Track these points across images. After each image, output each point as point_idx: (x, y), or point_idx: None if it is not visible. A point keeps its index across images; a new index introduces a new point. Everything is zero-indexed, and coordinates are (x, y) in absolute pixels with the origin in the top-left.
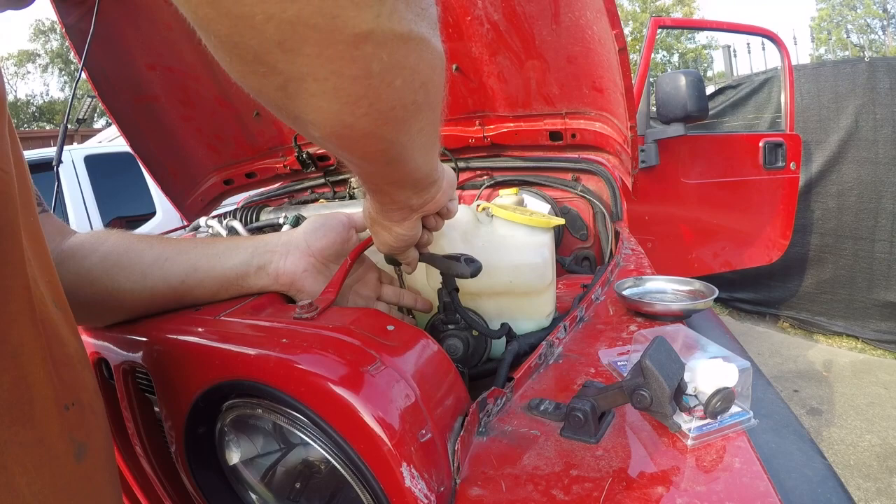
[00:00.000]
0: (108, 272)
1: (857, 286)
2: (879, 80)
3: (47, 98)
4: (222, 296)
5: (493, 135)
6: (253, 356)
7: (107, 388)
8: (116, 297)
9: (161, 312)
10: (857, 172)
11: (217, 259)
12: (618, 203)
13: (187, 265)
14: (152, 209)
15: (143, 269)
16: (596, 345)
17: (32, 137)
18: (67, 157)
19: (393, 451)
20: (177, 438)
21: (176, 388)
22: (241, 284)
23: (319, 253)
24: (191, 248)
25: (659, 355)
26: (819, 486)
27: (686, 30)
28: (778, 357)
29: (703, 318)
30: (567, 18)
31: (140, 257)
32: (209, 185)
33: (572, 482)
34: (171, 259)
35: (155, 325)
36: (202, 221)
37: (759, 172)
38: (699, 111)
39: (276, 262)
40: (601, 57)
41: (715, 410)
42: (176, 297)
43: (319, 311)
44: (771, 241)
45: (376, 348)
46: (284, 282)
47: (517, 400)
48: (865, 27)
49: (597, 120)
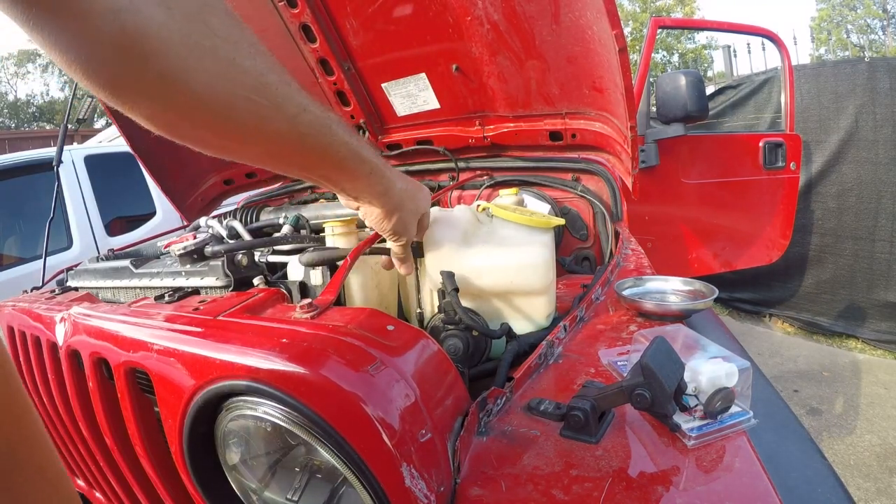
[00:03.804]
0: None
1: (857, 286)
2: (879, 81)
3: (47, 98)
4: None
5: (493, 135)
6: (253, 356)
7: (107, 388)
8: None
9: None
10: (857, 172)
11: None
12: (618, 203)
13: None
14: (152, 209)
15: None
16: (596, 345)
17: (32, 137)
18: (67, 157)
19: (393, 450)
20: (177, 438)
21: (176, 388)
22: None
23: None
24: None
25: (659, 355)
26: (819, 486)
27: (686, 30)
28: (778, 357)
29: (703, 318)
30: (567, 18)
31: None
32: (209, 185)
33: (572, 482)
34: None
35: (155, 325)
36: (202, 221)
37: (759, 172)
38: (699, 111)
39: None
40: (601, 57)
41: (715, 410)
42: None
43: (319, 312)
44: (771, 241)
45: (376, 348)
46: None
47: (517, 400)
48: (865, 27)
49: (597, 120)
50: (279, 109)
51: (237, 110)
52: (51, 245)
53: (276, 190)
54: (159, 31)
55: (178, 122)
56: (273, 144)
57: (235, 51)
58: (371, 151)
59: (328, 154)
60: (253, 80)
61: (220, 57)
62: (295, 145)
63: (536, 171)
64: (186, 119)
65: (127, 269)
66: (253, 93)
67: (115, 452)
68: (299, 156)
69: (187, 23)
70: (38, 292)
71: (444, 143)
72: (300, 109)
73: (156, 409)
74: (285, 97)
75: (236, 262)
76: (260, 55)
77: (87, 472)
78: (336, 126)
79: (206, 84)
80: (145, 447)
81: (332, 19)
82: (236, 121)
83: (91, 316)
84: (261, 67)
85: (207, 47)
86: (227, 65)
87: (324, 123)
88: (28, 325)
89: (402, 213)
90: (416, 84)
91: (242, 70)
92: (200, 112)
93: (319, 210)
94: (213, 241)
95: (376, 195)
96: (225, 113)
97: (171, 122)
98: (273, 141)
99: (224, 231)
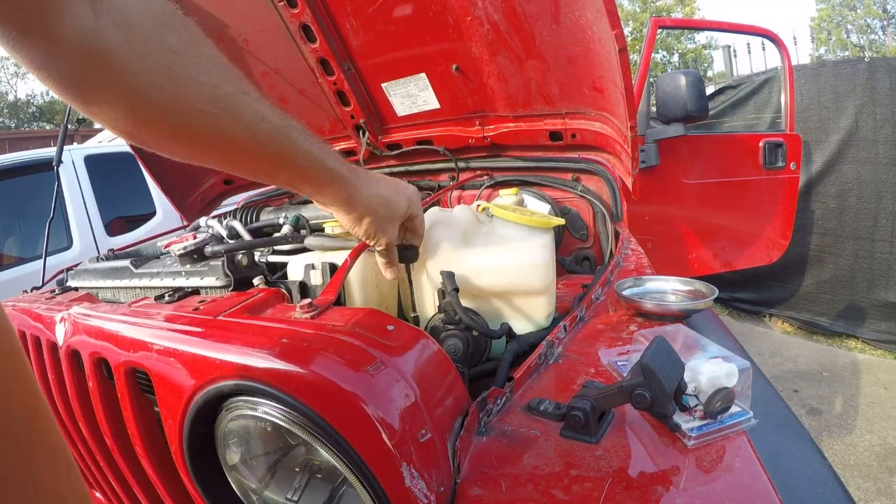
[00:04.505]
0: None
1: (857, 286)
2: (879, 81)
3: (47, 98)
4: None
5: (493, 135)
6: (253, 356)
7: (107, 388)
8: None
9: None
10: (857, 172)
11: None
12: (618, 203)
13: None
14: (152, 209)
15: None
16: (596, 345)
17: (32, 137)
18: (67, 157)
19: (393, 450)
20: (177, 438)
21: (176, 388)
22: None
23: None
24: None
25: (659, 355)
26: (819, 486)
27: (686, 30)
28: (778, 357)
29: (703, 318)
30: (567, 18)
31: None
32: (209, 185)
33: (572, 482)
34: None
35: (155, 325)
36: (202, 221)
37: (759, 172)
38: (699, 111)
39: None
40: (601, 57)
41: (715, 410)
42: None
43: (319, 311)
44: (771, 241)
45: (376, 348)
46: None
47: (517, 400)
48: (865, 27)
49: (597, 120)
50: (236, 119)
51: (194, 121)
52: (51, 245)
53: (275, 190)
54: (119, 50)
55: (139, 131)
56: (232, 153)
57: (192, 65)
58: (335, 159)
59: (288, 162)
60: (209, 92)
61: (176, 72)
62: (254, 153)
63: (536, 171)
64: (146, 129)
65: (127, 269)
66: (209, 104)
67: (115, 452)
68: (259, 162)
69: (144, 42)
70: (38, 292)
71: (444, 143)
72: (258, 119)
73: (156, 409)
74: (242, 107)
75: (236, 262)
76: (218, 68)
77: (87, 471)
78: (297, 134)
79: (163, 97)
80: (145, 447)
81: (332, 19)
82: (194, 130)
83: (91, 316)
84: (216, 80)
85: (164, 64)
86: (183, 79)
87: (282, 132)
88: (28, 325)
89: (372, 217)
90: (416, 84)
91: (198, 83)
92: (159, 122)
93: (319, 210)
94: (213, 241)
95: (339, 201)
96: (181, 123)
97: (132, 132)
98: (231, 149)
99: (224, 231)
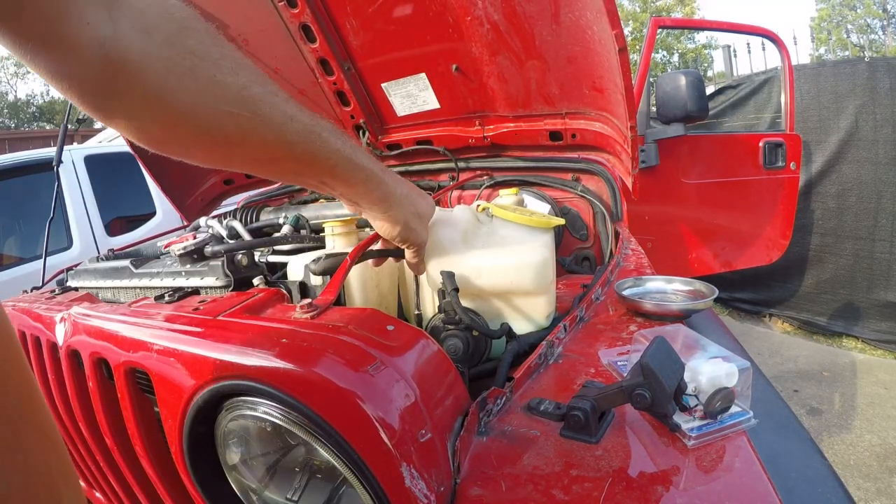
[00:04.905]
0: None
1: (857, 286)
2: (879, 80)
3: (47, 98)
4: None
5: (493, 135)
6: (253, 356)
7: (107, 388)
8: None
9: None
10: (857, 172)
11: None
12: (618, 203)
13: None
14: (152, 209)
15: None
16: (596, 345)
17: (32, 137)
18: (67, 157)
19: (393, 450)
20: (177, 438)
21: (176, 388)
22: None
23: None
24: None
25: (659, 355)
26: (819, 486)
27: (686, 30)
28: (778, 357)
29: (703, 318)
30: (567, 18)
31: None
32: (209, 185)
33: (572, 482)
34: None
35: (155, 325)
36: (202, 221)
37: (759, 172)
38: (699, 111)
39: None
40: (601, 57)
41: (715, 410)
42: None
43: (319, 312)
44: (771, 241)
45: (376, 348)
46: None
47: (517, 400)
48: (865, 27)
49: (597, 120)
50: (264, 120)
51: (220, 123)
52: (51, 245)
53: (275, 190)
54: (140, 57)
55: (164, 136)
56: (260, 153)
57: (216, 68)
58: (367, 158)
59: (318, 161)
60: (234, 94)
61: (200, 75)
62: (283, 153)
63: (536, 171)
64: (171, 134)
65: (127, 269)
66: (235, 106)
67: (115, 452)
68: (289, 163)
69: (167, 47)
70: (38, 292)
71: (444, 143)
72: (287, 119)
73: (156, 409)
74: (271, 107)
75: (236, 262)
76: (243, 69)
77: (86, 471)
78: (327, 133)
79: (188, 101)
80: (145, 447)
81: (332, 19)
82: (220, 132)
83: (91, 316)
84: (243, 81)
85: (187, 67)
86: (207, 82)
87: (313, 131)
88: (28, 325)
89: (406, 218)
90: (415, 84)
91: (223, 86)
92: (184, 127)
93: (319, 210)
94: (213, 241)
95: (375, 201)
96: (207, 126)
97: (157, 138)
98: (259, 150)
99: (224, 231)
